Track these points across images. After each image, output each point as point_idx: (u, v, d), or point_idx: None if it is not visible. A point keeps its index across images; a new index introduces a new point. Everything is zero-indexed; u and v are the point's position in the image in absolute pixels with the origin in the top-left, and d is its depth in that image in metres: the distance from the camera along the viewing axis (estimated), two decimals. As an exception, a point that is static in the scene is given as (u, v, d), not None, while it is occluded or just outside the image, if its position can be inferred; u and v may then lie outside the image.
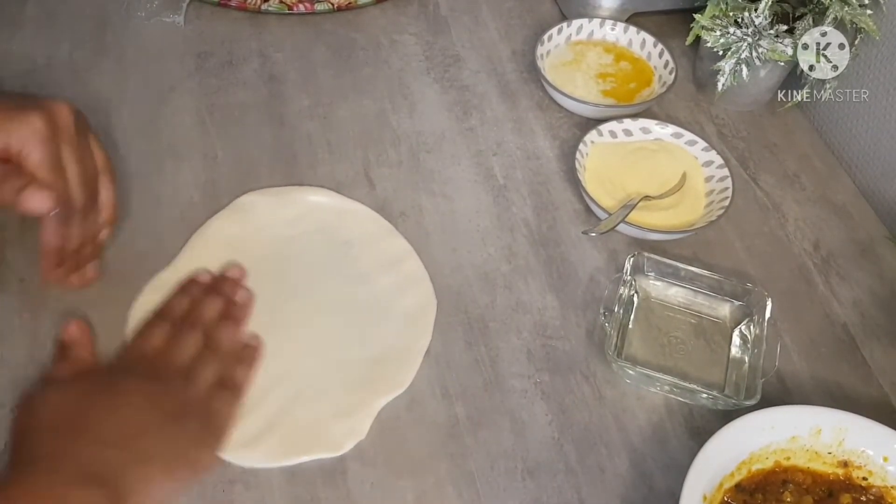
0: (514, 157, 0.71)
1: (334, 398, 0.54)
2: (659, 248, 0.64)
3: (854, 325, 0.62)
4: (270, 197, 0.65)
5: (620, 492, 0.52)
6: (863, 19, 0.66)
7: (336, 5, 0.80)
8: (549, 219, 0.67)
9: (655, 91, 0.75)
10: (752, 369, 0.57)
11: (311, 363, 0.56)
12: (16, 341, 0.55)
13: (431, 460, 0.53)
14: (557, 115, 0.75)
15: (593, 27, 0.79)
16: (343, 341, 0.57)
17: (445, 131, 0.72)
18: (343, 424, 0.53)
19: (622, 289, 0.59)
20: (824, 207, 0.71)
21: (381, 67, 0.77)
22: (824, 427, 0.52)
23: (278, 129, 0.70)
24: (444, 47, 0.80)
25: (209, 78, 0.74)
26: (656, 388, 0.57)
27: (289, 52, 0.77)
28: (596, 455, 0.54)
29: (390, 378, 0.56)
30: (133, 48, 0.76)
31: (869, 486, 0.52)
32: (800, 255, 0.67)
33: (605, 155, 0.69)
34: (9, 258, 0.59)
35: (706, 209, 0.66)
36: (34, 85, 0.71)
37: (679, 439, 0.55)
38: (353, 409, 0.54)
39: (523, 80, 0.78)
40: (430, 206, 0.66)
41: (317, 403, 0.54)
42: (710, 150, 0.69)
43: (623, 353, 0.58)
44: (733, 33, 0.69)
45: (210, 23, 0.79)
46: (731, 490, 0.50)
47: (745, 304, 0.60)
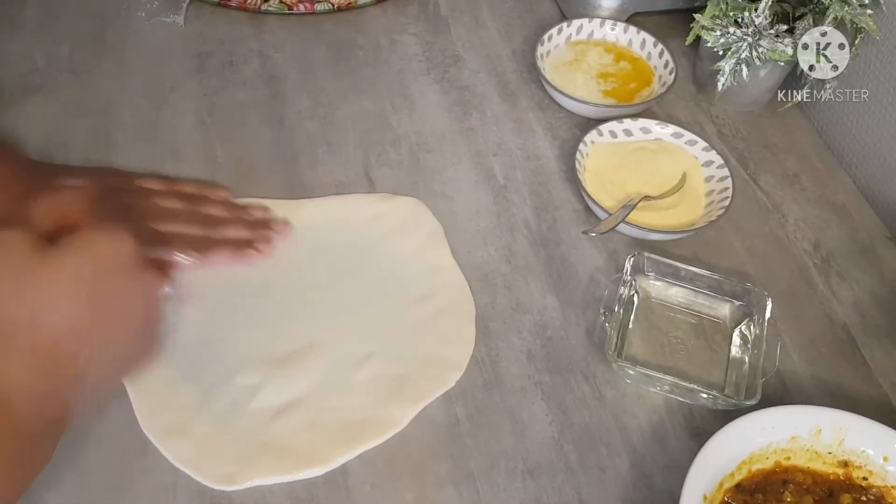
0: (514, 157, 0.71)
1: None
2: (659, 248, 0.64)
3: (854, 325, 0.62)
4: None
5: (620, 492, 0.52)
6: (863, 19, 0.66)
7: (336, 5, 0.80)
8: (549, 219, 0.67)
9: (655, 91, 0.75)
10: (752, 369, 0.57)
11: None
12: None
13: (431, 460, 0.53)
14: (557, 116, 0.75)
15: (593, 27, 0.79)
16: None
17: (445, 131, 0.72)
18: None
19: (622, 289, 0.59)
20: (824, 207, 0.71)
21: (382, 67, 0.77)
22: (824, 427, 0.52)
23: (278, 129, 0.71)
24: (444, 47, 0.80)
25: (209, 78, 0.74)
26: (656, 388, 0.57)
27: (289, 52, 0.77)
28: (596, 455, 0.54)
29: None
30: (133, 48, 0.76)
31: (869, 486, 0.52)
32: (800, 255, 0.67)
33: (606, 155, 0.69)
34: (9, 258, 0.58)
35: (706, 209, 0.66)
36: (34, 85, 0.71)
37: (679, 439, 0.55)
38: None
39: (523, 80, 0.78)
40: (430, 206, 0.66)
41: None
42: (710, 150, 0.69)
43: (623, 353, 0.58)
44: (733, 33, 0.69)
45: (210, 23, 0.79)
46: (732, 490, 0.50)
47: (745, 304, 0.60)
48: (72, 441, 0.50)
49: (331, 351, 0.56)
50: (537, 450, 0.54)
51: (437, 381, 0.56)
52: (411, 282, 0.61)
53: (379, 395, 0.55)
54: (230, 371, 0.55)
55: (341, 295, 0.60)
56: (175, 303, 0.57)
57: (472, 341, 0.58)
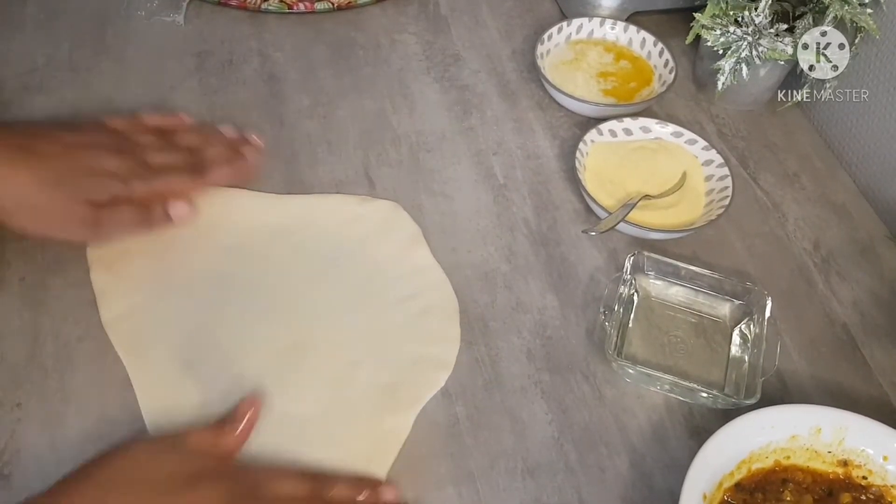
0: (514, 156, 0.71)
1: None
2: (659, 248, 0.64)
3: (854, 325, 0.62)
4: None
5: (620, 491, 0.52)
6: (863, 18, 0.66)
7: (336, 4, 0.80)
8: (549, 218, 0.67)
9: (655, 90, 0.75)
10: (751, 368, 0.57)
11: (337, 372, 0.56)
12: (16, 341, 0.55)
13: (431, 460, 0.53)
14: (557, 115, 0.75)
15: (593, 26, 0.79)
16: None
17: (445, 131, 0.72)
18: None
19: (622, 288, 0.59)
20: (824, 207, 0.71)
21: (381, 67, 0.77)
22: (824, 426, 0.52)
23: (278, 128, 0.70)
24: (444, 47, 0.80)
25: (209, 77, 0.74)
26: (656, 387, 0.57)
27: (289, 51, 0.77)
28: (596, 454, 0.54)
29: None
30: (133, 48, 0.76)
31: (869, 486, 0.52)
32: (800, 254, 0.67)
33: (605, 154, 0.69)
34: (9, 258, 0.58)
35: (706, 208, 0.66)
36: (34, 85, 0.71)
37: (679, 438, 0.55)
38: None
39: (523, 79, 0.78)
40: (430, 205, 0.66)
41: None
42: (710, 149, 0.69)
43: (623, 353, 0.58)
44: (733, 32, 0.69)
45: (210, 22, 0.79)
46: (731, 489, 0.50)
47: (745, 303, 0.60)
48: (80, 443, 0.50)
49: (317, 357, 0.56)
50: (537, 449, 0.54)
51: (428, 382, 0.56)
52: (394, 283, 0.60)
53: (373, 407, 0.54)
54: (230, 363, 0.55)
55: (326, 297, 0.59)
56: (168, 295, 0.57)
57: (457, 339, 0.58)
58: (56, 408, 0.52)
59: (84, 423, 0.51)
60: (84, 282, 0.57)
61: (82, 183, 0.53)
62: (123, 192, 0.55)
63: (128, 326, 0.55)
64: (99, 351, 0.54)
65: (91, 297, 0.57)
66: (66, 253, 0.59)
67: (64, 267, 0.58)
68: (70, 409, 0.52)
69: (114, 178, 0.55)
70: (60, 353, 0.54)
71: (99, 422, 0.51)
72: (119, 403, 0.52)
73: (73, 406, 0.52)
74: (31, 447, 0.50)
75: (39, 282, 0.57)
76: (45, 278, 0.58)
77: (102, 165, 0.55)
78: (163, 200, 0.57)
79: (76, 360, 0.54)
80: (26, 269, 0.58)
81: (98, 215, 0.54)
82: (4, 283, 0.57)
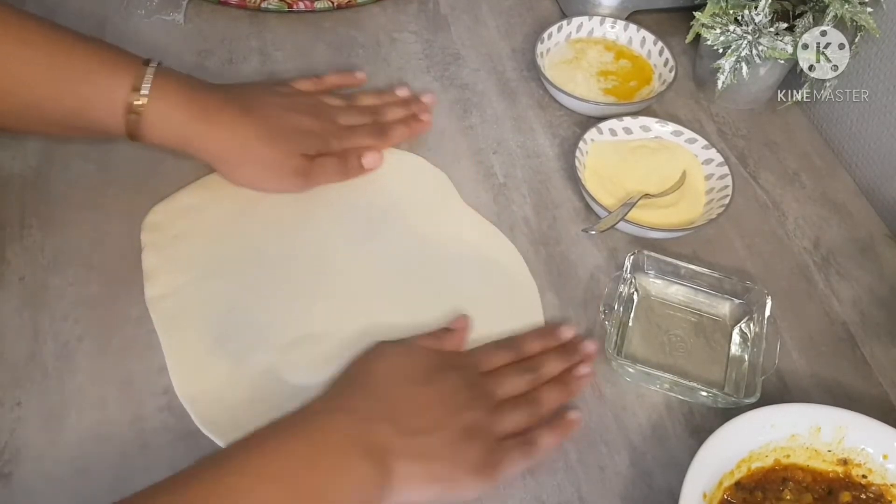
0: (514, 155, 0.71)
1: None
2: (659, 247, 0.64)
3: (854, 324, 0.63)
4: None
5: (620, 490, 0.52)
6: (863, 17, 0.66)
7: (336, 3, 0.80)
8: (549, 217, 0.67)
9: (655, 89, 0.75)
10: (751, 367, 0.57)
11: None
12: (16, 340, 0.55)
13: (431, 459, 0.53)
14: (557, 114, 0.75)
15: (593, 25, 0.79)
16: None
17: (445, 129, 0.72)
18: None
19: (622, 287, 0.59)
20: (824, 206, 0.71)
21: (381, 66, 0.77)
22: (824, 425, 0.52)
23: (278, 127, 0.70)
24: (443, 45, 0.80)
25: (209, 76, 0.73)
26: (656, 386, 0.57)
27: (289, 50, 0.77)
28: (596, 453, 0.54)
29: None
30: (133, 46, 0.75)
31: (869, 484, 0.52)
32: (800, 253, 0.67)
33: (605, 153, 0.69)
34: (9, 257, 0.59)
35: (706, 207, 0.66)
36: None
37: (679, 437, 0.55)
38: None
39: (523, 78, 0.78)
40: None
41: None
42: (709, 148, 0.69)
43: (623, 351, 0.58)
44: (733, 31, 0.69)
45: (210, 21, 0.79)
46: (731, 488, 0.50)
47: (744, 302, 0.60)
48: (80, 443, 0.50)
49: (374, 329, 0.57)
50: (537, 448, 0.54)
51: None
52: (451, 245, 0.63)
53: None
54: (262, 341, 0.56)
55: (377, 265, 0.61)
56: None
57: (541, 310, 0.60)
58: (56, 407, 0.52)
59: (84, 422, 0.51)
60: (84, 280, 0.58)
61: (296, 139, 0.62)
62: (324, 149, 0.63)
63: (169, 304, 0.57)
64: (99, 350, 0.54)
65: (91, 296, 0.57)
66: (66, 253, 0.59)
67: (64, 267, 0.58)
68: (70, 408, 0.52)
69: (317, 137, 0.63)
70: (60, 353, 0.54)
71: (99, 422, 0.51)
72: (119, 402, 0.52)
73: (73, 406, 0.52)
74: (31, 446, 0.50)
75: (39, 281, 0.57)
76: (45, 278, 0.58)
77: (306, 126, 0.63)
78: (354, 154, 0.65)
79: (76, 359, 0.54)
80: (26, 269, 0.58)
81: (309, 166, 0.62)
82: (4, 283, 0.57)
